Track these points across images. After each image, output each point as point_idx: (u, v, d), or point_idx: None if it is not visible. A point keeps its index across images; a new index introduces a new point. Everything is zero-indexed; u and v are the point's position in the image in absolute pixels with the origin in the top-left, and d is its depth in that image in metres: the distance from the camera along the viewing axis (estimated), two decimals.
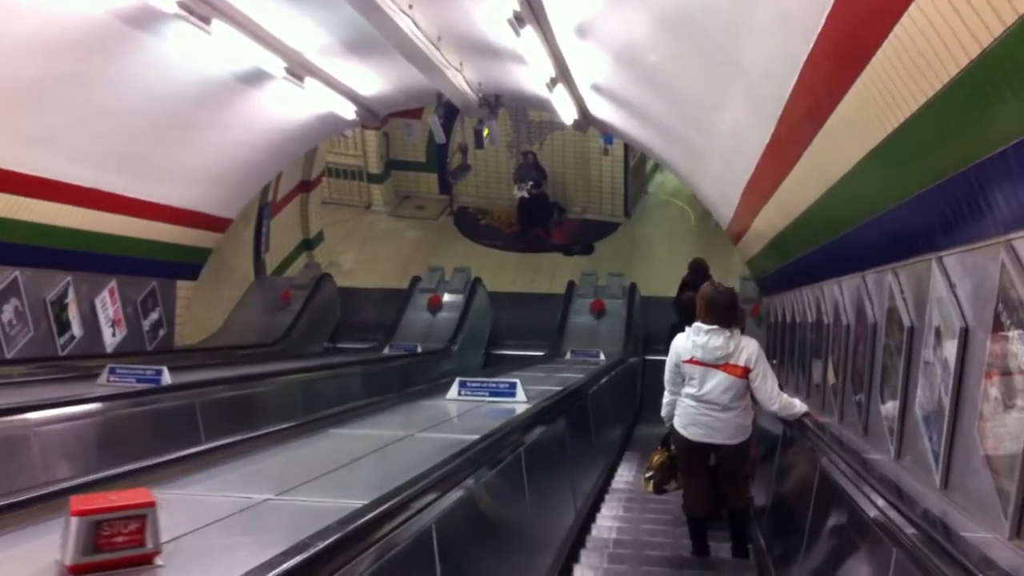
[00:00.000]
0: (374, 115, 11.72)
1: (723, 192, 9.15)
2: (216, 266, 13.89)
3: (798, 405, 5.55)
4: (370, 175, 18.99)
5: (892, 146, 3.86)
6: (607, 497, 7.74)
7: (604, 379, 10.30)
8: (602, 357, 12.97)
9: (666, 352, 5.68)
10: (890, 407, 4.47)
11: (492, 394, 6.54)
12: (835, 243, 5.73)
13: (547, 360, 13.10)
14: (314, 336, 14.96)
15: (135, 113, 8.44)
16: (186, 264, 11.62)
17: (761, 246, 8.96)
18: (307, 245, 17.03)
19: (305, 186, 16.50)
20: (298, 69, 9.10)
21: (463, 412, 6.25)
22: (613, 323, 14.54)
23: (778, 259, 8.56)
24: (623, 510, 7.62)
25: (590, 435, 8.28)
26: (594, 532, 6.33)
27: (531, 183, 17.78)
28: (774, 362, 10.12)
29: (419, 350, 13.31)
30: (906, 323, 4.15)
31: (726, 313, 5.34)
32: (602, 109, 10.16)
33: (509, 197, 18.66)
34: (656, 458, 6.02)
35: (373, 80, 10.36)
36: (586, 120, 10.81)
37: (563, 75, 8.89)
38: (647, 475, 6.06)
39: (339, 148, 18.69)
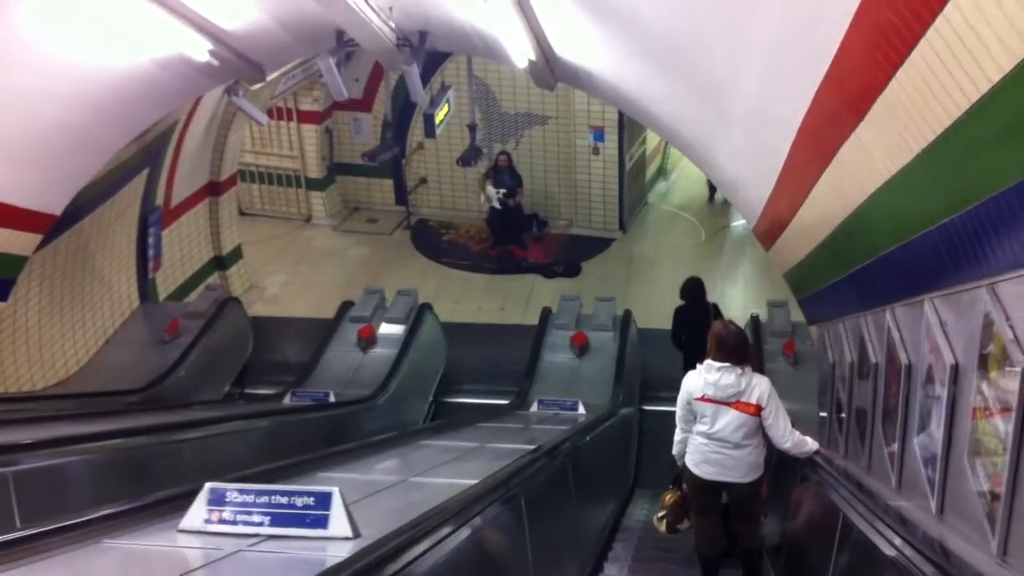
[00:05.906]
0: (255, 67, 8.26)
1: (757, 153, 5.64)
2: (77, 285, 10.49)
3: (810, 443, 5.53)
4: (308, 180, 15.57)
5: None
6: None
7: (570, 448, 6.74)
8: (581, 409, 9.52)
9: (672, 400, 5.77)
10: None
11: (277, 521, 3.00)
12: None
13: (503, 415, 9.57)
14: (212, 378, 11.44)
15: None
16: None
17: (821, 238, 5.43)
18: (220, 263, 13.54)
19: (214, 188, 13.04)
20: None
21: None
22: (600, 363, 10.93)
23: (851, 257, 5.03)
24: None
25: (526, 558, 4.72)
26: None
27: (503, 190, 14.37)
28: (835, 416, 6.66)
29: (331, 399, 9.76)
30: None
31: (735, 351, 5.39)
32: (569, 39, 6.72)
33: (478, 208, 15.30)
34: (668, 497, 6.18)
35: None
36: (548, 64, 7.34)
37: None
38: (660, 515, 6.20)
39: (268, 147, 15.33)
